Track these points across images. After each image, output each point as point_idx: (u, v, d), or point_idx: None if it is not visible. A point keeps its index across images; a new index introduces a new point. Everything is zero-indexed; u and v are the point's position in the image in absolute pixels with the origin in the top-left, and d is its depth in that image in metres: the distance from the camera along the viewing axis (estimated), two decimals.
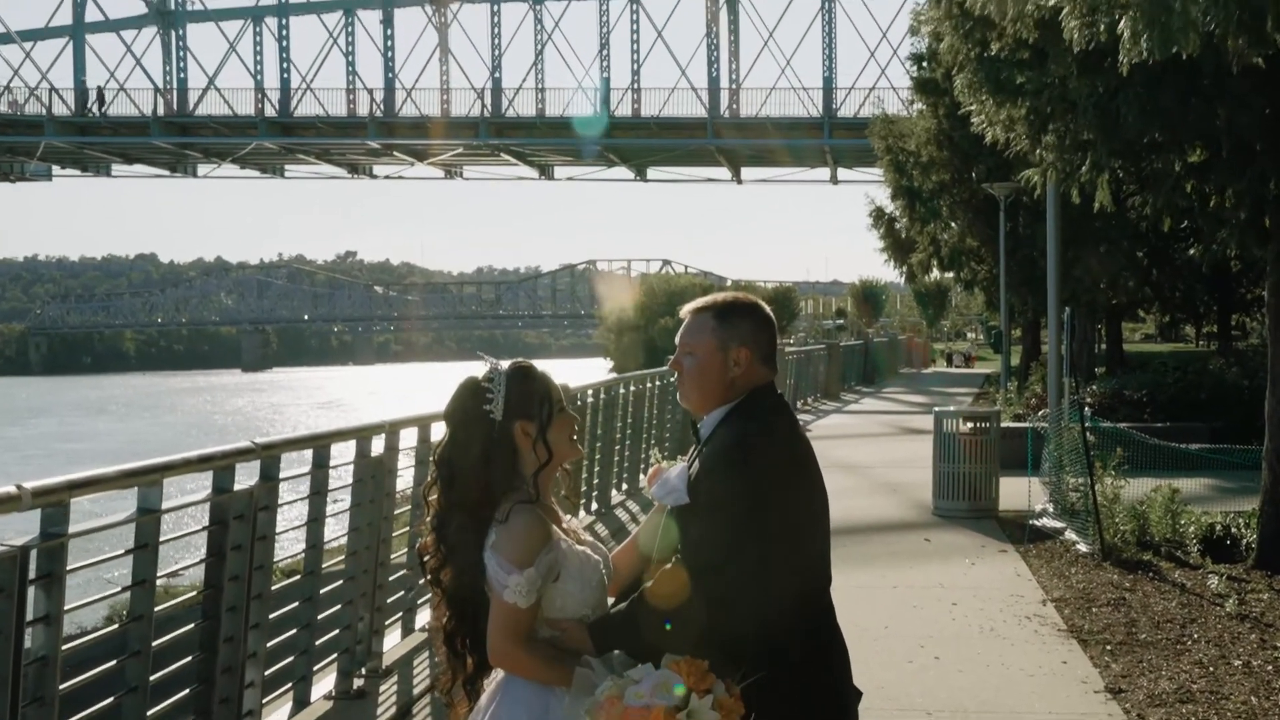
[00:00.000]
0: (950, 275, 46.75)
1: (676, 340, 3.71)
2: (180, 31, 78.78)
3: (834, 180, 79.06)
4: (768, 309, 3.73)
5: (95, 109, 76.52)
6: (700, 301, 3.72)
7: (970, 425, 15.48)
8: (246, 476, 6.20)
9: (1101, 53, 9.64)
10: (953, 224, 35.18)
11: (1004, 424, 17.14)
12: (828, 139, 72.54)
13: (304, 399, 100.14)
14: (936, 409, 16.15)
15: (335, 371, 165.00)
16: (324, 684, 7.57)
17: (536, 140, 76.17)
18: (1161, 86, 10.61)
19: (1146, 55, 8.24)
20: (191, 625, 5.98)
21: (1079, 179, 12.36)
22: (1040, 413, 19.35)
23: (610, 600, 3.66)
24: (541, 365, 3.71)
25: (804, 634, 3.48)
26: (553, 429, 3.63)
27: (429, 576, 3.67)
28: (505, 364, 3.65)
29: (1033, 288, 30.69)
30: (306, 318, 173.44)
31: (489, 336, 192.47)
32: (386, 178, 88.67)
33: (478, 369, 3.68)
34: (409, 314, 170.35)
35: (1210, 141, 11.31)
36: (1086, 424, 13.60)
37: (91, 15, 78.52)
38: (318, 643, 7.34)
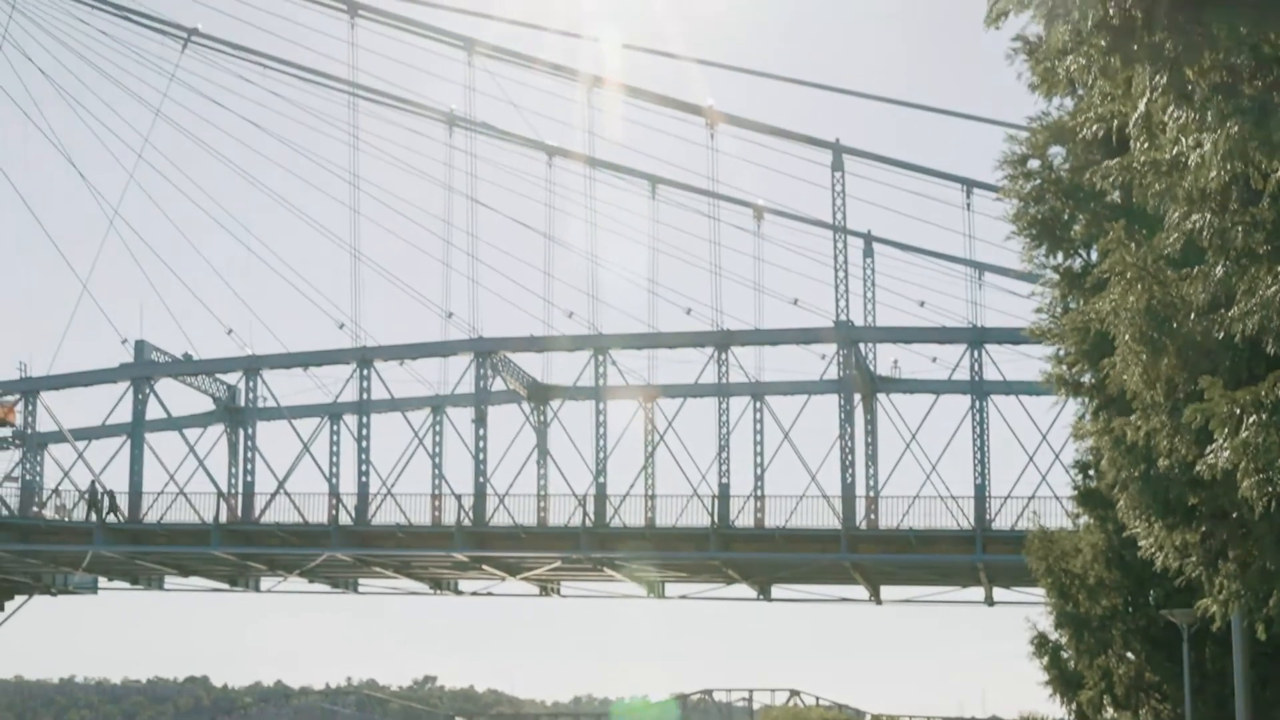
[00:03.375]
0: (1128, 714, 45.87)
1: None
2: (249, 430, 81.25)
3: (989, 601, 78.55)
4: None
5: (96, 513, 78.31)
6: None
7: None
8: None
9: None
10: (1128, 655, 34.79)
11: None
12: (980, 555, 72.33)
13: None
14: None
15: None
16: None
17: (645, 554, 76.57)
18: None
19: None
20: None
21: (1266, 612, 12.43)
22: None
23: None
24: None
25: None
26: None
27: None
28: None
29: None
30: None
31: None
32: (474, 594, 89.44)
33: None
34: None
35: None
36: None
37: (153, 412, 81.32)
38: None
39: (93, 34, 77.60)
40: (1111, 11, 7.78)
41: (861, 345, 76.61)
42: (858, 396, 76.45)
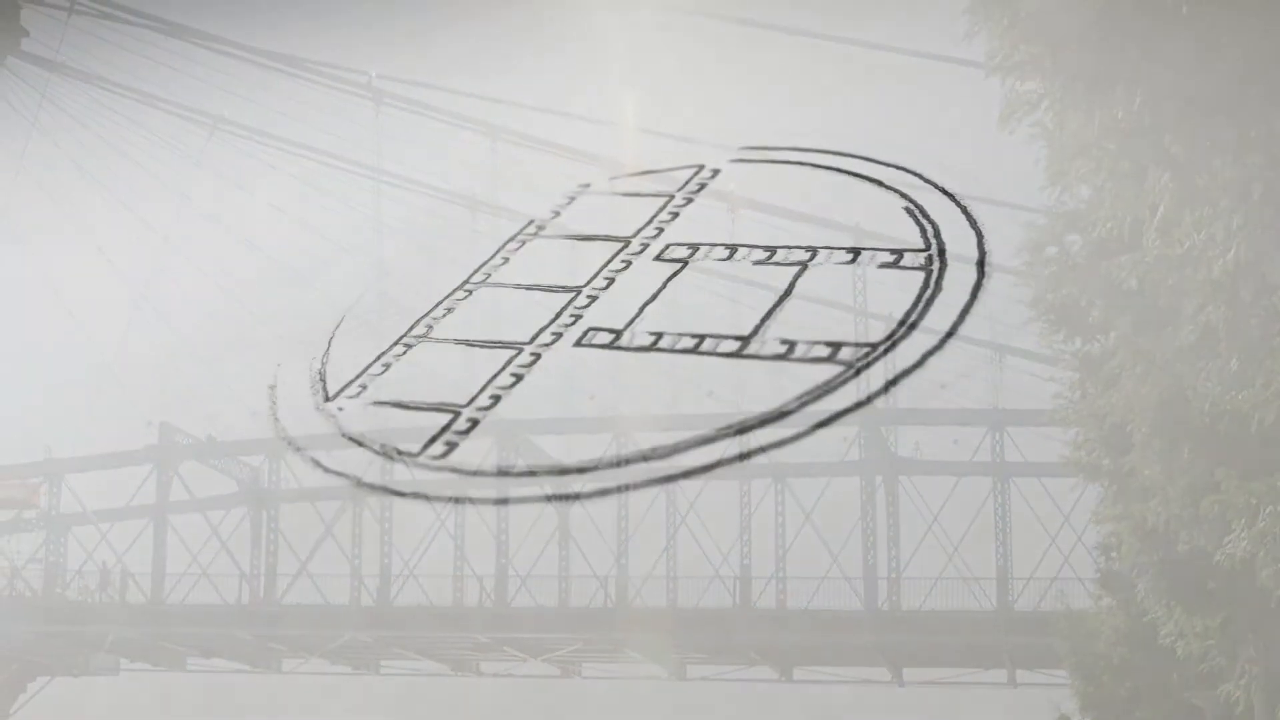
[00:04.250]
0: None
1: None
2: (272, 512, 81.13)
3: (1012, 683, 77.85)
4: None
5: (99, 593, 78.35)
6: None
7: None
8: None
9: None
10: None
11: None
12: (1003, 636, 71.78)
13: None
14: None
15: None
16: None
17: (666, 635, 76.01)
18: None
19: None
20: None
21: None
22: None
23: None
24: None
25: None
26: None
27: None
28: None
29: None
30: None
31: None
32: (495, 676, 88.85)
33: None
34: None
35: None
36: None
37: (177, 494, 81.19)
38: None
39: (120, 120, 78.24)
40: (1120, 115, 7.94)
41: (883, 428, 76.34)
42: (879, 479, 76.16)
